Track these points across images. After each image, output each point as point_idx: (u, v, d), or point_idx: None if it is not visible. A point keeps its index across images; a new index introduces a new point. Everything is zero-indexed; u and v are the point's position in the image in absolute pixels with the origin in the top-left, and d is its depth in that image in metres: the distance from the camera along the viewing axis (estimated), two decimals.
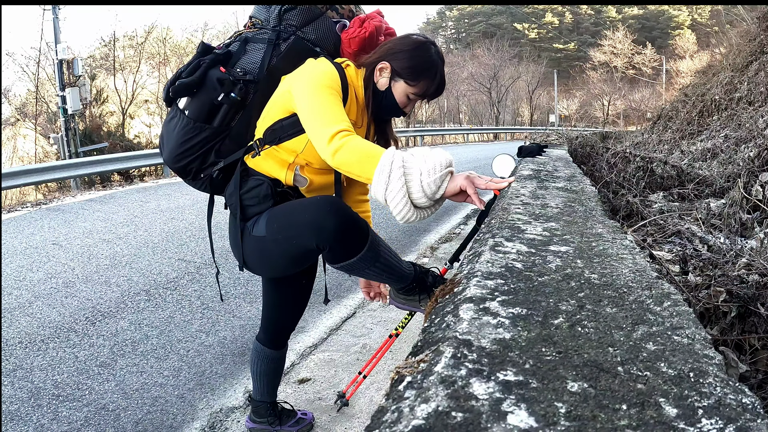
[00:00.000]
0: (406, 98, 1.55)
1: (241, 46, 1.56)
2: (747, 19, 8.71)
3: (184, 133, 1.54)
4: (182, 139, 1.55)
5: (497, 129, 31.45)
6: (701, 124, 5.87)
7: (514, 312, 0.72)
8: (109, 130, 15.77)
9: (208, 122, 1.54)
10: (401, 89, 1.53)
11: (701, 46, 35.08)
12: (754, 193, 2.26)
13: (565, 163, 2.79)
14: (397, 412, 0.50)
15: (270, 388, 2.02)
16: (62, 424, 2.29)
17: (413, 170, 1.25)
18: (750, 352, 1.23)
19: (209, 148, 1.57)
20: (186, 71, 1.52)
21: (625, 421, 0.48)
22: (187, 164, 1.59)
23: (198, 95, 1.53)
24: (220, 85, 1.50)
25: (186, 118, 1.54)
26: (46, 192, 11.57)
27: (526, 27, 65.39)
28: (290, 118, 1.48)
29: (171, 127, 1.57)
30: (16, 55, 21.91)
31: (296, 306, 1.89)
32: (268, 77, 1.54)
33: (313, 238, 1.40)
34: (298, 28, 1.57)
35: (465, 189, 1.28)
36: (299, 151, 1.51)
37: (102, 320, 3.31)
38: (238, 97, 1.51)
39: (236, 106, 1.54)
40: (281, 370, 2.03)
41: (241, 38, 1.58)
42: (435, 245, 5.04)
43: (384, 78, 1.53)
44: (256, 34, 1.58)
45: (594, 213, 1.39)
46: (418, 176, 1.25)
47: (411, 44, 1.53)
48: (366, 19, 1.58)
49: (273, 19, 1.57)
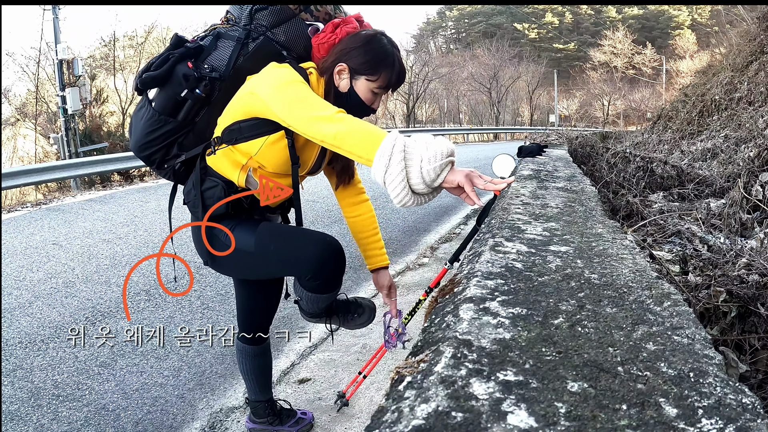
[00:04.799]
0: (371, 94, 1.53)
1: (213, 41, 1.56)
2: (747, 19, 8.71)
3: (149, 124, 1.57)
4: (147, 130, 1.58)
5: (497, 129, 31.46)
6: (701, 124, 5.87)
7: (514, 312, 0.72)
8: (109, 130, 15.76)
9: (173, 116, 1.56)
10: (363, 86, 1.52)
11: (701, 46, 35.11)
12: (754, 193, 2.26)
13: (565, 163, 2.79)
14: (397, 412, 0.50)
15: (261, 385, 2.03)
16: (62, 424, 2.29)
17: (414, 156, 1.24)
18: (750, 352, 1.23)
19: (172, 141, 1.60)
20: (156, 63, 1.53)
21: (625, 421, 0.48)
22: (151, 154, 1.62)
23: (164, 89, 1.54)
24: (185, 81, 1.50)
25: (152, 110, 1.56)
26: (46, 192, 11.56)
27: (526, 27, 65.39)
28: (249, 121, 1.48)
29: (139, 116, 1.60)
30: (16, 55, 21.81)
31: (270, 300, 1.91)
32: (234, 76, 1.54)
33: (310, 271, 1.53)
34: (269, 28, 1.56)
35: (462, 186, 1.27)
36: (253, 153, 1.51)
37: (102, 320, 3.31)
38: (202, 93, 1.52)
39: (201, 102, 1.54)
40: (269, 365, 2.04)
41: (215, 33, 1.57)
42: (435, 245, 5.04)
43: (344, 80, 1.52)
44: (228, 30, 1.57)
45: (594, 213, 1.39)
46: (419, 162, 1.23)
47: (362, 39, 1.51)
48: (340, 23, 1.55)
49: (244, 18, 1.56)
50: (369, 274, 1.97)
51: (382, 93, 1.56)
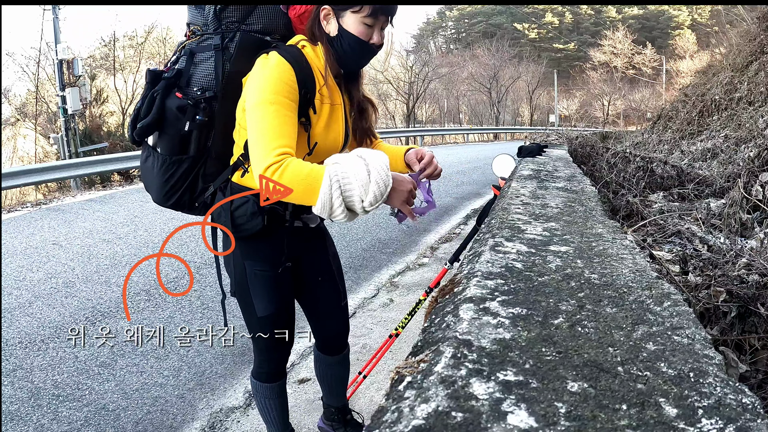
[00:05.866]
0: (364, 27, 1.38)
1: (189, 60, 1.45)
2: (747, 19, 8.71)
3: (164, 171, 1.48)
4: (164, 178, 1.49)
5: (497, 129, 31.45)
6: (701, 124, 5.87)
7: (514, 312, 0.72)
8: (109, 130, 15.77)
9: (184, 152, 1.47)
10: (352, 21, 1.37)
11: (701, 46, 35.09)
12: (754, 193, 2.26)
13: (565, 163, 2.79)
14: (397, 412, 0.50)
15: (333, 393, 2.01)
16: (62, 424, 2.29)
17: (354, 199, 1.24)
18: (750, 352, 1.23)
19: (194, 177, 1.51)
20: (143, 108, 1.44)
21: (625, 421, 0.48)
22: (179, 199, 1.53)
23: (164, 130, 1.45)
24: (182, 114, 1.41)
25: (161, 156, 1.47)
26: (46, 192, 11.56)
27: (526, 27, 65.38)
28: None
29: (148, 166, 1.51)
30: (16, 55, 21.79)
31: None
32: (228, 85, 1.44)
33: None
34: (241, 22, 1.44)
35: (401, 209, 1.33)
36: None
37: (102, 320, 3.31)
38: (204, 118, 1.43)
39: (206, 127, 1.46)
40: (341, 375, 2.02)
41: (186, 51, 1.47)
42: (435, 245, 5.04)
43: (332, 23, 1.39)
44: (199, 42, 1.46)
45: (594, 213, 1.39)
46: (360, 203, 1.25)
47: None
48: None
49: (212, 22, 1.44)
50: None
51: (377, 24, 1.39)
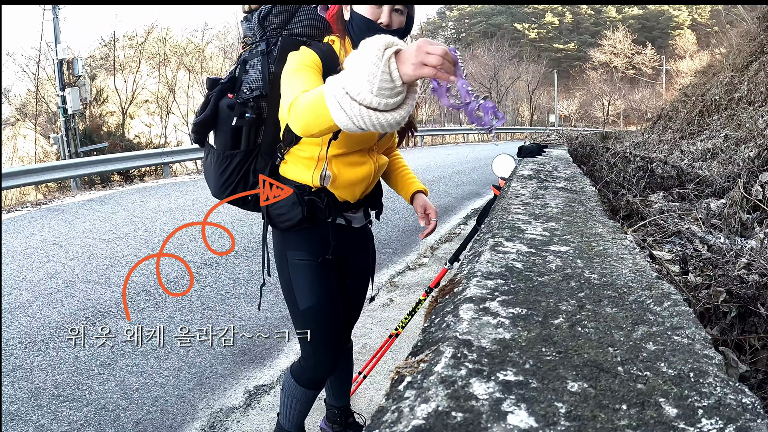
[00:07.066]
0: (371, 8, 1.42)
1: (242, 68, 1.60)
2: (747, 19, 8.71)
3: (218, 164, 1.62)
4: (219, 171, 1.63)
5: (497, 129, 31.38)
6: (701, 124, 5.87)
7: (514, 312, 0.72)
8: (109, 130, 15.78)
9: (236, 147, 1.60)
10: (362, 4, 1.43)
11: (701, 46, 35.07)
12: (754, 193, 2.26)
13: (565, 163, 2.79)
14: (397, 412, 0.50)
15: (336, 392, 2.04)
16: (62, 424, 2.29)
17: (361, 88, 1.07)
18: (750, 352, 1.24)
19: (246, 170, 1.63)
20: (199, 110, 1.61)
21: (625, 421, 0.48)
22: (233, 191, 1.65)
23: (219, 127, 1.59)
24: (231, 110, 1.55)
25: (216, 151, 1.62)
26: (46, 192, 11.56)
27: (526, 27, 65.37)
28: None
29: (208, 164, 1.67)
30: (16, 55, 21.77)
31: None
32: (274, 85, 1.53)
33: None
34: (283, 28, 1.57)
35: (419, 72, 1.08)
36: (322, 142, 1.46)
37: (102, 320, 3.31)
38: (252, 115, 1.55)
39: (256, 124, 1.58)
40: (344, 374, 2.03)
41: (240, 61, 1.61)
42: (435, 245, 5.04)
43: (348, 11, 1.48)
44: (251, 51, 1.60)
45: (594, 213, 1.39)
46: (369, 87, 1.06)
47: None
48: None
49: (258, 30, 1.58)
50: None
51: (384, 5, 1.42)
